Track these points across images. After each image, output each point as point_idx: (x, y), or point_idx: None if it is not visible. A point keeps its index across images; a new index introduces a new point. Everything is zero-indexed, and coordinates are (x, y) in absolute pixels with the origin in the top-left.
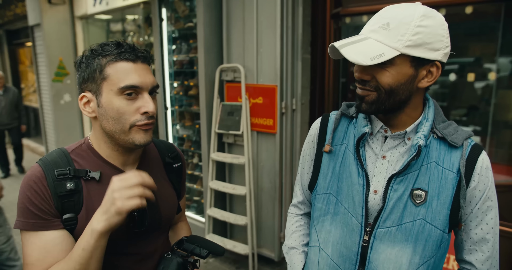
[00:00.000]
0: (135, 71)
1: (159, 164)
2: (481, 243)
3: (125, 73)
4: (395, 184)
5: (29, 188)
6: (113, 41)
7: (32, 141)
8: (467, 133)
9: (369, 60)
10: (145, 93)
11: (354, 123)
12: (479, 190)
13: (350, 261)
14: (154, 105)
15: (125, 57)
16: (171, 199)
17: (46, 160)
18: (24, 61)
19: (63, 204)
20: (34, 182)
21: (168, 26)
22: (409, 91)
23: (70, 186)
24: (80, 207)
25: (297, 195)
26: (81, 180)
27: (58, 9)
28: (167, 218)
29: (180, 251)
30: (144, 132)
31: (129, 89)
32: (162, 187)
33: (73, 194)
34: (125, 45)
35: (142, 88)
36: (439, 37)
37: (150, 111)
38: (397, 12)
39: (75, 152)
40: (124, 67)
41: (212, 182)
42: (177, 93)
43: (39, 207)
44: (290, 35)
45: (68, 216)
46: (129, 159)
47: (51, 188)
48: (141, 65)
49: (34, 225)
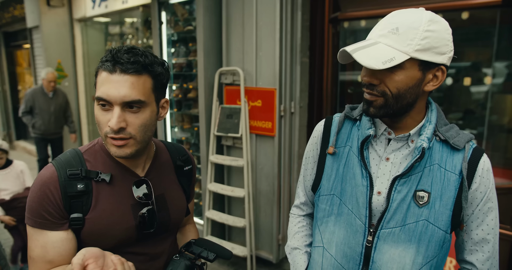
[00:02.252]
0: (108, 82)
1: (170, 167)
2: (481, 244)
3: (100, 83)
4: (399, 186)
5: (40, 189)
6: (115, 48)
7: (28, 143)
8: (469, 136)
9: (381, 64)
10: (115, 107)
11: (357, 125)
12: (480, 192)
13: (354, 262)
14: (118, 121)
15: (104, 67)
16: (181, 202)
17: (60, 159)
18: (22, 63)
19: (71, 203)
20: (45, 183)
21: (168, 29)
22: (416, 95)
23: (81, 187)
24: (89, 208)
25: (300, 196)
26: (92, 181)
27: (57, 12)
28: (175, 221)
29: (188, 254)
30: (116, 147)
31: (100, 101)
32: (172, 190)
33: (83, 195)
34: (113, 52)
35: (110, 102)
36: (445, 41)
37: (111, 126)
38: (405, 17)
39: (88, 152)
40: (103, 77)
41: (211, 184)
42: (176, 95)
43: (47, 209)
44: (289, 39)
45: (75, 216)
46: (139, 161)
47: (62, 188)
48: (118, 76)
49: (40, 224)
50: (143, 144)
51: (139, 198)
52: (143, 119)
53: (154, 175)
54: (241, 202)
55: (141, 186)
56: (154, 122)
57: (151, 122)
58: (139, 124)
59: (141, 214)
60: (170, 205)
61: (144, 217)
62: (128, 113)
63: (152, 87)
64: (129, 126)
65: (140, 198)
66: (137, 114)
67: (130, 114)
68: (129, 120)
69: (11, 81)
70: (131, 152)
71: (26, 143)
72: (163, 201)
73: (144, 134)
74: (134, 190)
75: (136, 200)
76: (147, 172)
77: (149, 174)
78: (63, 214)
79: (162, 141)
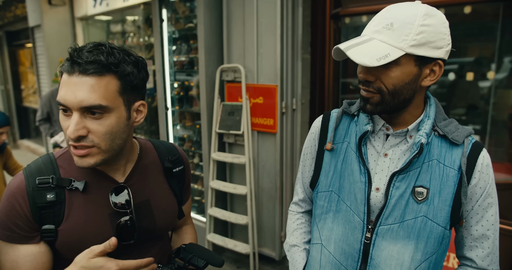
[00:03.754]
0: (66, 85)
1: (157, 168)
2: (481, 240)
3: (60, 86)
4: (397, 182)
5: (8, 200)
6: (82, 45)
7: (32, 142)
8: (468, 131)
9: (375, 61)
10: (74, 112)
11: (355, 121)
12: (479, 187)
13: (352, 258)
14: (75, 128)
15: (63, 67)
16: (170, 207)
17: (30, 167)
18: (24, 62)
19: (42, 214)
20: (13, 193)
21: (169, 27)
22: (413, 90)
23: (50, 198)
24: (61, 219)
25: (298, 193)
26: (65, 190)
27: (58, 10)
28: (162, 228)
29: (178, 261)
30: (77, 157)
31: (60, 105)
32: (160, 193)
33: (54, 205)
34: (76, 51)
35: (68, 107)
36: (441, 35)
37: (68, 134)
38: (399, 12)
39: (63, 158)
40: (63, 78)
41: (213, 181)
42: (177, 93)
43: (15, 222)
44: (290, 35)
45: (46, 228)
46: (117, 166)
47: (30, 198)
48: (76, 78)
49: (9, 237)
50: (111, 153)
51: (119, 206)
52: (108, 126)
53: (136, 180)
54: (244, 200)
55: (122, 192)
56: (123, 129)
57: (119, 129)
58: (103, 132)
59: (119, 223)
60: (156, 211)
61: (123, 227)
62: (89, 119)
63: (119, 89)
64: (92, 133)
65: (120, 207)
66: (100, 121)
67: (92, 121)
68: (91, 127)
69: (14, 80)
70: (96, 162)
71: (29, 142)
72: (147, 207)
73: (111, 142)
74: (113, 197)
75: (114, 208)
76: (128, 177)
77: (130, 179)
78: (33, 226)
79: (151, 140)
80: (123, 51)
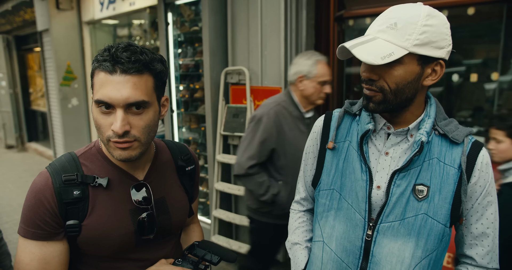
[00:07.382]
0: (109, 84)
1: (171, 167)
2: (481, 238)
3: (99, 85)
4: (398, 180)
5: (35, 197)
6: (109, 45)
7: (40, 145)
8: (468, 130)
9: (379, 59)
10: (118, 109)
11: (357, 120)
12: (479, 186)
13: (353, 255)
14: (122, 124)
15: (103, 67)
16: (183, 204)
17: (54, 165)
18: (33, 66)
19: (67, 210)
20: (40, 190)
21: (174, 30)
22: (415, 89)
23: (77, 194)
24: (85, 214)
25: (300, 191)
26: (88, 187)
27: (66, 15)
28: (177, 223)
29: (191, 257)
30: (120, 150)
31: (101, 103)
32: (174, 191)
33: (79, 201)
34: (111, 51)
35: (112, 105)
36: (443, 36)
37: (115, 130)
38: (403, 12)
39: (84, 156)
40: (101, 78)
41: (218, 183)
42: (182, 96)
43: (43, 218)
44: (294, 37)
45: (71, 223)
46: (138, 164)
47: (57, 194)
48: (118, 77)
49: (35, 235)
50: (146, 146)
51: (138, 203)
52: (147, 120)
53: (154, 178)
54: None
55: (141, 189)
56: (157, 122)
57: (155, 122)
58: (143, 126)
59: (140, 219)
60: (171, 208)
61: (143, 222)
62: (131, 115)
63: (154, 86)
64: (133, 129)
65: (139, 203)
66: (141, 116)
67: (134, 116)
68: (133, 122)
69: (23, 84)
70: (136, 155)
71: (37, 144)
72: (163, 204)
73: (148, 135)
74: (133, 194)
75: (135, 204)
76: (147, 175)
77: (149, 176)
78: (60, 222)
79: (163, 140)
80: (149, 50)
